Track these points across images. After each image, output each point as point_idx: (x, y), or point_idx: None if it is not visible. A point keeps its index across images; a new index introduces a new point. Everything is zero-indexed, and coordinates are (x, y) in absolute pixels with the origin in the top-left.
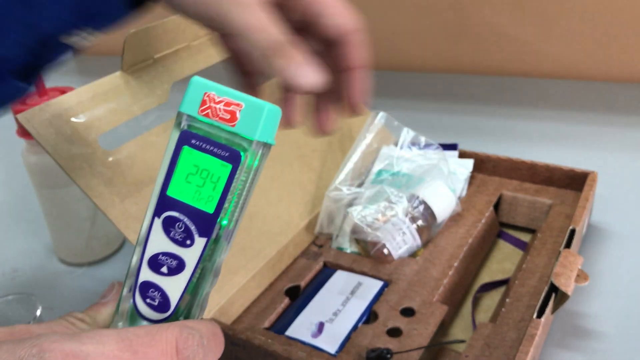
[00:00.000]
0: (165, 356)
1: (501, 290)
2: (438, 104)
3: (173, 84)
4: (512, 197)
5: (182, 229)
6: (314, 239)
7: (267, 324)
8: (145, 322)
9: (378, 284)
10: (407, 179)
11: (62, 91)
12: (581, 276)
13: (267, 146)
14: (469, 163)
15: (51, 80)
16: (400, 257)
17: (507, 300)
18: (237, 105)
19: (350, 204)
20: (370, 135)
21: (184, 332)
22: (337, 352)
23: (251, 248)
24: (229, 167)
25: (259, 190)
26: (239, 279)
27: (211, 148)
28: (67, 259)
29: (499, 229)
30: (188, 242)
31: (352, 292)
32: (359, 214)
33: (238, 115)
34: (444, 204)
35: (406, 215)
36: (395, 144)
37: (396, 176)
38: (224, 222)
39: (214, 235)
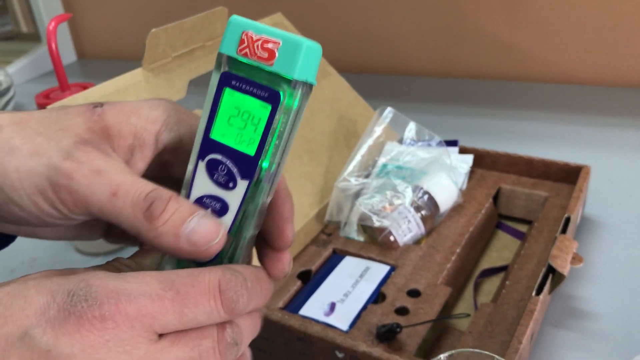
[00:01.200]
0: (207, 296)
1: (501, 275)
2: (437, 107)
3: (189, 80)
4: (510, 190)
5: (224, 172)
6: (323, 228)
7: (281, 304)
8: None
9: (385, 268)
10: (411, 171)
11: (84, 87)
12: (576, 259)
13: (307, 86)
14: (469, 158)
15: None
16: (405, 243)
17: (507, 282)
18: (275, 43)
19: (358, 194)
20: (378, 128)
21: (227, 273)
22: (349, 328)
23: None
24: (269, 107)
25: None
26: (254, 262)
27: (251, 89)
28: (84, 249)
29: (498, 220)
30: (231, 184)
31: (361, 276)
32: (367, 202)
33: (276, 53)
34: (446, 195)
35: (411, 205)
36: (400, 141)
37: (400, 169)
38: (265, 165)
39: (255, 178)
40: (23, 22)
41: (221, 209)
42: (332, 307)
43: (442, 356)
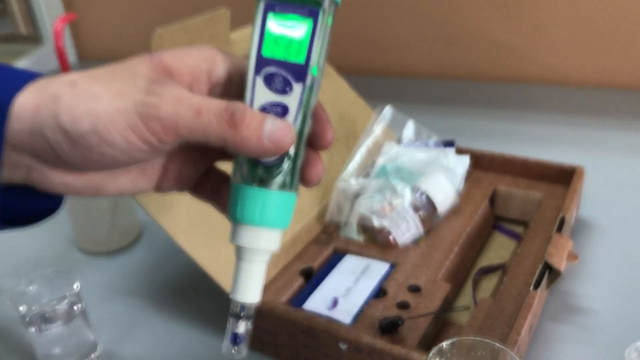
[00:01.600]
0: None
1: (498, 273)
2: (434, 108)
3: None
4: (506, 191)
5: (280, 80)
6: (323, 228)
7: (284, 299)
8: (258, 167)
9: (385, 265)
10: (409, 172)
11: None
12: (571, 256)
13: (335, 5)
14: (466, 159)
15: None
16: (404, 243)
17: (505, 279)
18: None
19: (358, 195)
20: (378, 127)
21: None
22: (351, 322)
23: None
24: (311, 21)
25: None
26: None
27: (292, 10)
28: (87, 248)
29: (494, 221)
30: (287, 89)
31: (362, 272)
32: (366, 203)
33: None
34: (444, 196)
35: (410, 206)
36: (398, 141)
37: (399, 170)
38: (314, 71)
39: (308, 82)
40: (22, 24)
41: (282, 112)
42: (335, 302)
43: (444, 344)
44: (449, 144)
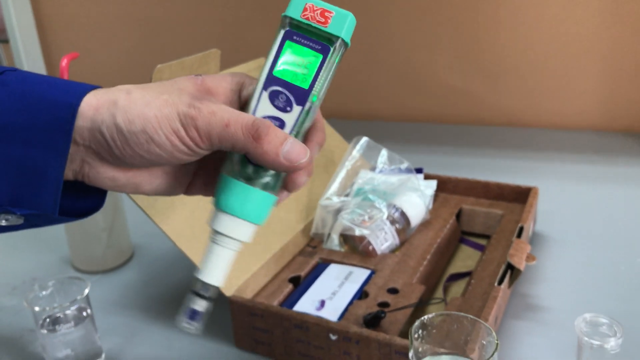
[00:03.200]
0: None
1: (466, 279)
2: (401, 147)
3: None
4: (470, 209)
5: (284, 99)
6: (308, 241)
7: (275, 303)
8: (248, 166)
9: (366, 272)
10: (384, 192)
11: None
12: (530, 257)
13: (345, 46)
14: (433, 183)
15: None
16: (382, 252)
17: (472, 281)
18: (330, 12)
19: (339, 210)
20: (356, 154)
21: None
22: (338, 320)
23: (260, 243)
24: (320, 57)
25: None
26: (252, 267)
27: (308, 43)
28: (83, 267)
29: (461, 235)
30: (288, 108)
31: (346, 278)
32: (348, 216)
33: (330, 20)
34: (416, 211)
35: (387, 219)
36: (373, 169)
37: (375, 190)
38: (314, 99)
39: (307, 107)
40: None
41: (279, 126)
42: (322, 303)
43: (424, 317)
44: (418, 170)
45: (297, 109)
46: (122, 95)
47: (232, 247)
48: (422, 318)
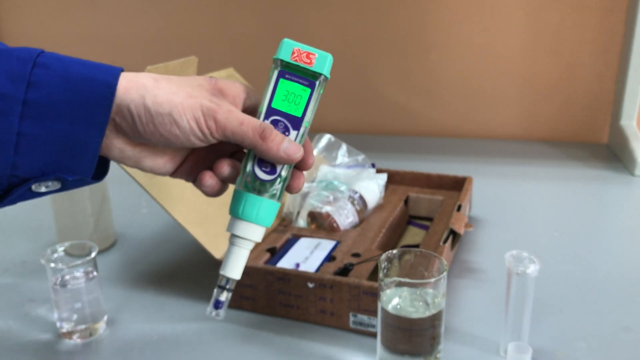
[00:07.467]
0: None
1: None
2: None
3: None
4: (415, 196)
5: (282, 126)
6: (280, 222)
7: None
8: (258, 181)
9: (332, 242)
10: (345, 182)
11: None
12: (467, 225)
13: (326, 80)
14: (384, 175)
15: None
16: (344, 227)
17: (421, 249)
18: (313, 55)
19: (306, 194)
20: (318, 149)
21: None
22: None
23: None
24: (309, 90)
25: None
26: None
27: (298, 80)
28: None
29: (408, 218)
30: (287, 133)
31: (315, 247)
32: (314, 197)
33: (314, 60)
34: (372, 196)
35: (348, 200)
36: (333, 165)
37: (336, 179)
38: (307, 124)
39: (301, 131)
40: None
41: None
42: (297, 266)
43: (394, 250)
44: (371, 165)
45: (293, 133)
46: (151, 81)
47: (248, 246)
48: (387, 252)
